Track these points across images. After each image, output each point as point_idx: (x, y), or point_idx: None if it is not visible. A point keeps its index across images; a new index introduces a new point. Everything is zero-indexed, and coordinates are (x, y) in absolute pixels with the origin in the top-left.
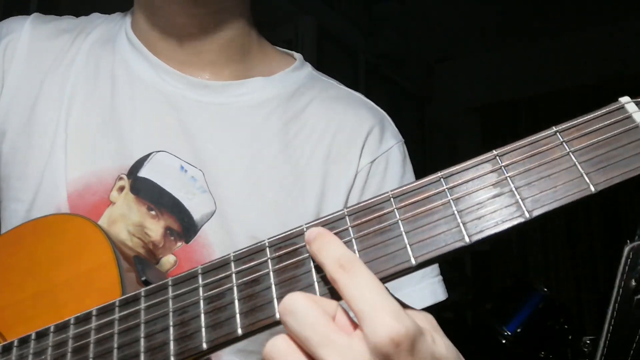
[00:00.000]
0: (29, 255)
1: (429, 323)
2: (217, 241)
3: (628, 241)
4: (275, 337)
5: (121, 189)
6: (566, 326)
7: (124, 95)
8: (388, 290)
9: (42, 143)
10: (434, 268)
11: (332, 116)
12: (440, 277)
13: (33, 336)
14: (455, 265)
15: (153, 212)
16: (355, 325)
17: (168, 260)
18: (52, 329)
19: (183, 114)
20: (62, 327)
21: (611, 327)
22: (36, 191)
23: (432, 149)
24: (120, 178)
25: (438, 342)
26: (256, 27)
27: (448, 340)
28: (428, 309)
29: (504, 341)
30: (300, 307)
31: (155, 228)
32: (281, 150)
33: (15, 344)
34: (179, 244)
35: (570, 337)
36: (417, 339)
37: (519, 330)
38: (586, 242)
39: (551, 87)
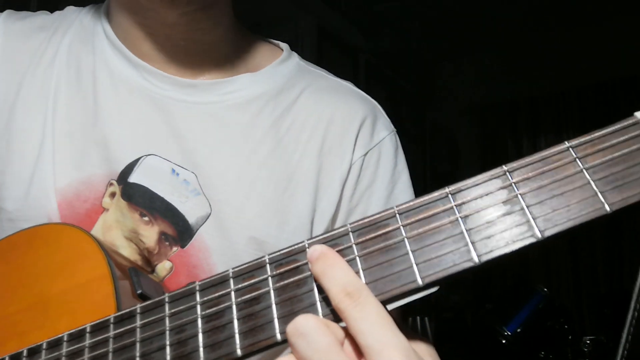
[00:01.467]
0: (21, 266)
1: (430, 356)
2: (214, 244)
3: None
4: (279, 358)
5: (113, 195)
6: (566, 326)
7: (107, 99)
8: (395, 322)
9: (24, 149)
10: None
11: (323, 108)
12: None
13: (25, 353)
14: None
15: (146, 218)
16: (361, 355)
17: (164, 266)
18: (44, 346)
19: (170, 115)
20: (54, 344)
21: (634, 321)
22: (24, 199)
23: (432, 149)
24: (111, 184)
25: None
26: (239, 20)
27: None
28: (427, 300)
29: (504, 341)
30: (312, 331)
31: (149, 234)
32: (274, 147)
33: None
34: (175, 249)
35: (570, 337)
36: None
37: (519, 330)
38: (586, 242)
39: (551, 87)
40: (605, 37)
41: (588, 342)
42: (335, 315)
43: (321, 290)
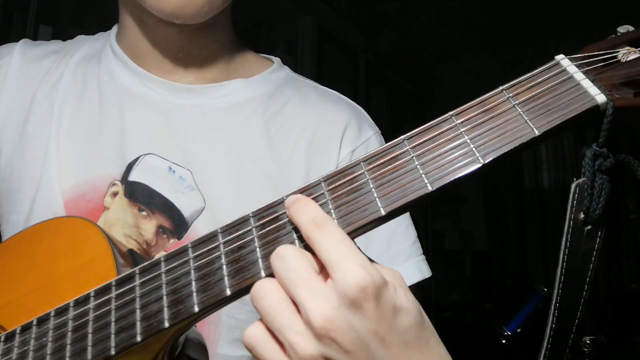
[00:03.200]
0: (29, 256)
1: (394, 277)
2: None
3: (574, 179)
4: (263, 279)
5: (114, 194)
6: None
7: (111, 105)
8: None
9: (35, 157)
10: (418, 248)
11: (311, 111)
12: (424, 257)
13: (34, 322)
14: (455, 266)
15: (144, 213)
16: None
17: None
18: (52, 313)
19: (169, 117)
20: (62, 311)
21: (566, 257)
22: (33, 201)
23: None
24: (114, 184)
25: (400, 293)
26: (237, 33)
27: (411, 294)
28: (427, 300)
29: (504, 341)
30: (289, 254)
31: (147, 227)
32: (265, 146)
33: (18, 331)
34: (172, 240)
35: None
36: (381, 287)
37: (519, 330)
38: None
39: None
40: (605, 37)
41: (588, 342)
42: (309, 251)
43: (297, 230)
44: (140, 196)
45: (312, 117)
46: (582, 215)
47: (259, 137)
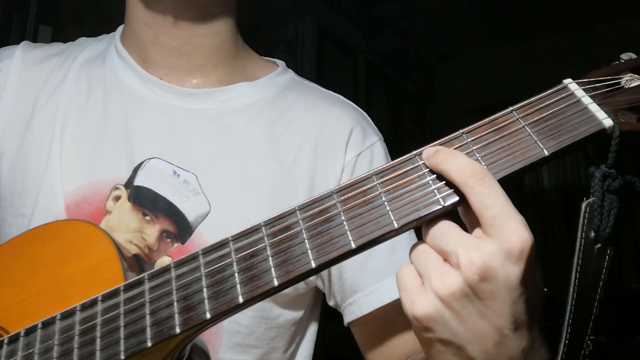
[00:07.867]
0: (32, 258)
1: None
2: (212, 240)
3: (584, 198)
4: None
5: (117, 198)
6: None
7: (116, 108)
8: None
9: (38, 160)
10: None
11: (316, 114)
12: None
13: (40, 325)
14: None
15: (148, 217)
16: None
17: (162, 262)
18: (58, 317)
19: (174, 122)
20: (68, 315)
21: (578, 274)
22: (34, 204)
23: None
24: (117, 188)
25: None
26: (241, 34)
27: None
28: None
29: None
30: (442, 224)
31: (151, 232)
32: (269, 149)
33: (22, 334)
34: (176, 245)
35: None
36: (533, 249)
37: None
38: None
39: (550, 87)
40: (605, 37)
41: (588, 342)
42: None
43: (310, 240)
44: (145, 201)
45: (317, 121)
46: (592, 234)
47: (263, 140)
